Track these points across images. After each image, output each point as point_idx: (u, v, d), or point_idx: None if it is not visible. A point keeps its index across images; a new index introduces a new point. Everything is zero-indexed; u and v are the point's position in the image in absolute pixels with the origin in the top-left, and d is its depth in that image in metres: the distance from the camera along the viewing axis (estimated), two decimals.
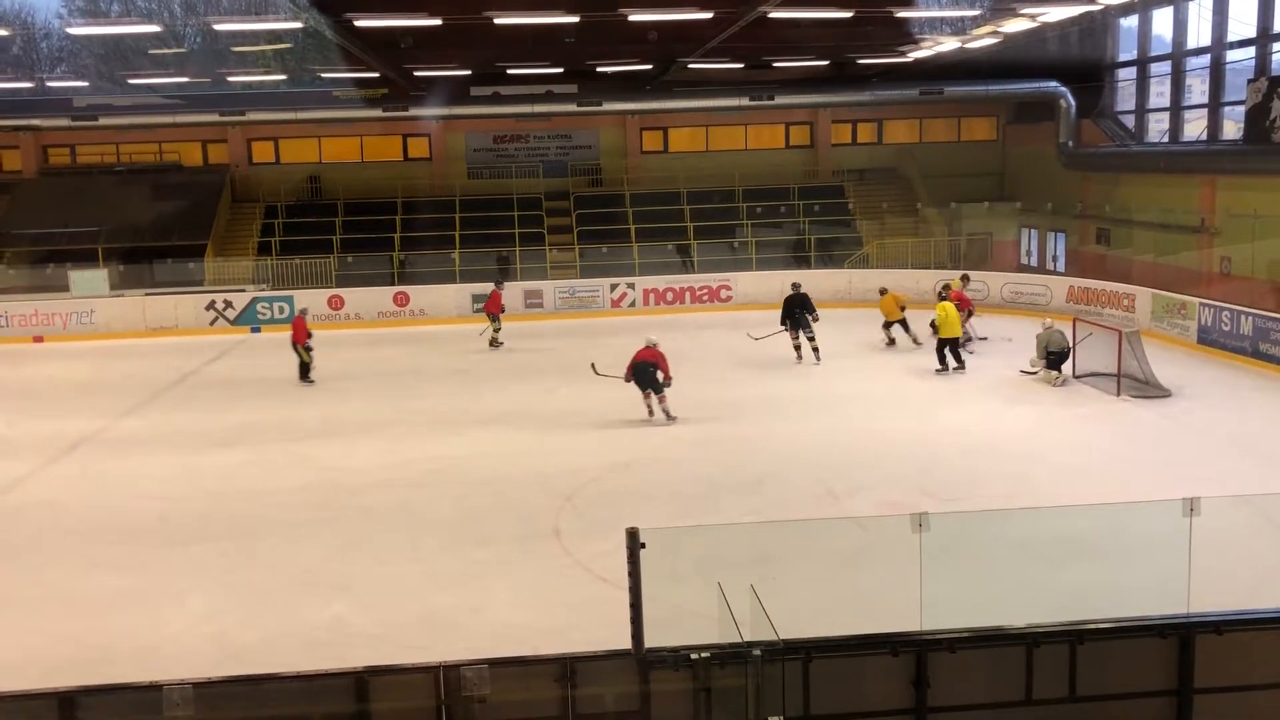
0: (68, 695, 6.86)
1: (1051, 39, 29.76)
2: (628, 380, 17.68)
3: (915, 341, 23.17)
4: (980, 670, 7.51)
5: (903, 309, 23.61)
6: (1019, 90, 32.27)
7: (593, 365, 19.18)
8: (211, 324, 29.37)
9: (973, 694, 7.52)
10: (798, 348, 22.19)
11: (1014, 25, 25.57)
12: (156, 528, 13.43)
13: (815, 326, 22.02)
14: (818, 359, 21.92)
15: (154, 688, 6.74)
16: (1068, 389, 19.43)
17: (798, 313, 22.09)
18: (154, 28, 24.15)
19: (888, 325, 23.69)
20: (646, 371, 17.61)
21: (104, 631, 10.38)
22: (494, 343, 25.36)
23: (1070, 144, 30.92)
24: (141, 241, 32.02)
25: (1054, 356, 19.75)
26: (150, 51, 27.75)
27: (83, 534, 13.27)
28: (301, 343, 21.77)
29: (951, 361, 20.95)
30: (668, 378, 17.50)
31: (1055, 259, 33.32)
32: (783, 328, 22.28)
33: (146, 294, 30.00)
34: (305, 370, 21.84)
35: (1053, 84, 30.82)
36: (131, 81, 32.13)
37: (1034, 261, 34.36)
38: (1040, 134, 32.76)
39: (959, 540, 8.33)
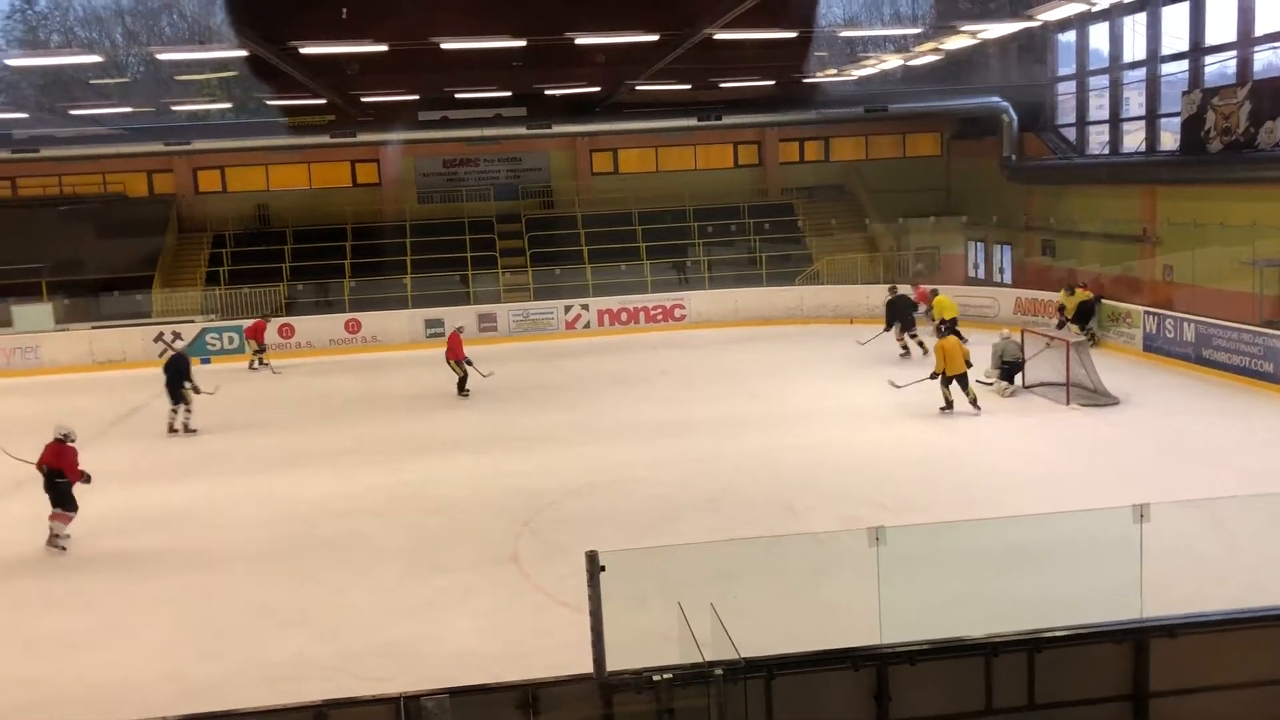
0: None
1: (992, 55, 30.25)
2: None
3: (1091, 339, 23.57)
4: (940, 681, 7.57)
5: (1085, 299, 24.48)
6: (962, 106, 32.74)
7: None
8: (160, 355, 28.95)
9: (934, 705, 7.58)
10: (905, 346, 23.99)
11: (955, 42, 25.96)
12: (110, 565, 13.21)
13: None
14: (925, 351, 23.00)
15: None
16: (1018, 399, 19.70)
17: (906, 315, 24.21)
18: (95, 58, 23.95)
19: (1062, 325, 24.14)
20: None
21: (58, 673, 10.18)
22: (254, 367, 27.06)
23: (1013, 157, 31.37)
24: (86, 274, 31.56)
25: (1008, 367, 20.00)
26: (92, 81, 27.45)
27: (34, 574, 13.05)
28: (458, 359, 22.45)
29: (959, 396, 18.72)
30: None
31: (1002, 271, 33.83)
32: (887, 330, 24.38)
33: (93, 327, 29.55)
34: (462, 385, 22.52)
35: (994, 99, 31.28)
36: (73, 112, 31.70)
37: (981, 274, 34.85)
38: (984, 148, 33.24)
39: (916, 553, 8.39)
